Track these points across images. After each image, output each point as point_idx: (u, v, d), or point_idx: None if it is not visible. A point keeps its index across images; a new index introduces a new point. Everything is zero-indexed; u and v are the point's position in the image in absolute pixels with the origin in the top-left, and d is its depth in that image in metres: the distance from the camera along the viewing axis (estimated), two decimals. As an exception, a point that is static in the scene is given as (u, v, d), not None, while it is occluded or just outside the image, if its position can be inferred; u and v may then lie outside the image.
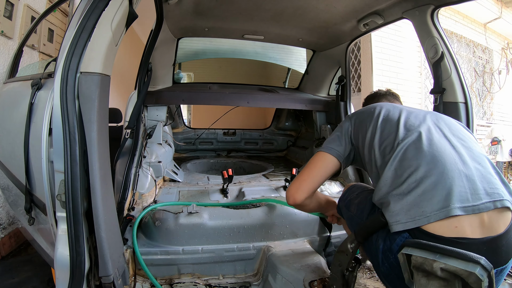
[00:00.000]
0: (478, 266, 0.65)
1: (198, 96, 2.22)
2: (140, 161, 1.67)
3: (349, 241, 0.96)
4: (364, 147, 1.04)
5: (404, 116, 1.00)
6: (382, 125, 1.01)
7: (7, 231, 2.09)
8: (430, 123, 0.96)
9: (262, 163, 2.75)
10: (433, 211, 0.76)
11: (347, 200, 1.14)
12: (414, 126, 0.95)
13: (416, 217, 0.78)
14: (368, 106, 1.18)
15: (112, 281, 0.96)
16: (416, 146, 0.88)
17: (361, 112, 1.16)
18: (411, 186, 0.82)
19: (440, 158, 0.83)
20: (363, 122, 1.09)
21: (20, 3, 2.21)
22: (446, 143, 0.88)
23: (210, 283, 1.39)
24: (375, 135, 1.00)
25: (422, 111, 1.05)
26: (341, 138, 1.12)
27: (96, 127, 0.93)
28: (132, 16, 1.05)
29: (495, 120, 6.13)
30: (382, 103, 1.14)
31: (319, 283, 1.19)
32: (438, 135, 0.91)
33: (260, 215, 1.50)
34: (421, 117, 0.99)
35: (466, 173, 0.80)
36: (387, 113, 1.05)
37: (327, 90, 2.76)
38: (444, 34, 1.50)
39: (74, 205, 0.88)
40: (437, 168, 0.82)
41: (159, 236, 1.40)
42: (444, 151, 0.85)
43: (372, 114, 1.08)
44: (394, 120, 1.00)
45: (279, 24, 2.03)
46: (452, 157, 0.84)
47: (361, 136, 1.07)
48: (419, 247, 0.74)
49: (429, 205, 0.77)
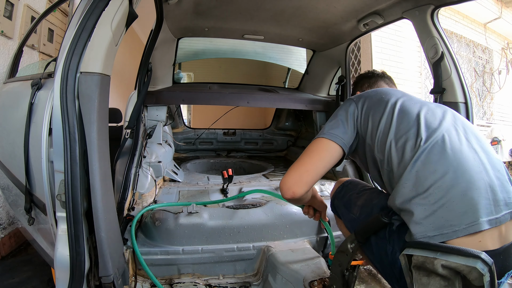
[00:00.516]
0: (479, 260, 0.65)
1: (198, 96, 2.22)
2: (140, 161, 1.67)
3: (349, 241, 0.95)
4: (375, 139, 0.92)
5: (424, 112, 0.91)
6: (399, 118, 0.90)
7: (7, 231, 2.09)
8: (450, 123, 0.88)
9: (262, 163, 2.75)
10: (461, 224, 0.73)
11: (345, 199, 1.08)
12: (435, 125, 0.87)
13: (444, 230, 0.74)
14: (376, 90, 1.05)
15: (112, 281, 0.96)
16: (440, 149, 0.81)
17: (369, 97, 1.01)
18: (437, 195, 0.76)
19: (466, 165, 0.78)
20: (374, 109, 0.96)
21: (20, 3, 2.21)
22: (468, 148, 0.82)
23: (210, 283, 1.39)
24: (390, 128, 0.90)
25: (438, 107, 0.96)
26: (346, 123, 0.97)
27: (96, 127, 0.92)
28: (132, 16, 1.05)
29: (495, 120, 6.13)
30: (392, 90, 1.04)
31: (319, 283, 1.19)
32: (459, 138, 0.84)
33: (260, 215, 1.50)
34: (440, 115, 0.91)
35: (489, 183, 0.77)
36: (403, 104, 0.94)
37: (327, 90, 2.76)
38: (444, 34, 1.50)
39: (74, 205, 0.88)
40: (464, 176, 0.77)
41: (159, 236, 1.40)
42: (468, 157, 0.80)
43: (384, 102, 0.96)
44: (412, 114, 0.90)
45: (279, 24, 2.03)
46: (477, 165, 0.79)
47: (371, 125, 0.94)
48: (420, 247, 0.73)
49: (458, 218, 0.74)
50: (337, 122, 0.99)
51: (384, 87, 1.27)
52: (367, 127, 0.96)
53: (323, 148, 0.94)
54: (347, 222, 1.07)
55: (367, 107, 0.98)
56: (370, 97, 1.01)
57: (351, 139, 0.97)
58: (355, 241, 0.94)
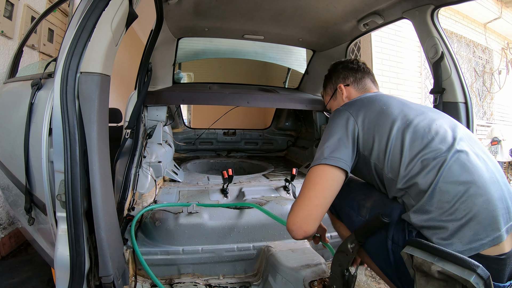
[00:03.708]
0: (474, 274, 0.65)
1: (198, 96, 2.22)
2: (140, 161, 1.67)
3: (349, 241, 0.95)
4: (383, 160, 0.87)
5: (435, 126, 0.88)
6: (410, 135, 0.86)
7: (7, 231, 2.09)
8: (461, 135, 0.88)
9: (262, 163, 2.75)
10: (487, 237, 0.74)
11: (349, 199, 1.01)
12: (449, 139, 0.85)
13: (472, 243, 0.74)
14: (372, 100, 0.99)
15: (112, 281, 0.96)
16: (461, 163, 0.80)
17: (367, 109, 0.94)
18: (463, 212, 0.75)
19: (484, 178, 0.79)
20: (378, 126, 0.90)
21: (20, 3, 2.21)
22: (479, 159, 0.83)
23: (210, 283, 1.39)
24: (402, 148, 0.85)
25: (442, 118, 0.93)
26: (346, 143, 0.90)
27: (96, 127, 0.92)
28: (132, 16, 1.05)
29: (495, 120, 6.13)
30: (388, 99, 0.99)
31: (319, 283, 1.18)
32: (471, 150, 0.84)
33: (260, 215, 1.50)
34: (449, 128, 0.89)
35: (503, 193, 0.79)
36: (409, 117, 0.89)
37: (327, 90, 2.76)
38: (444, 34, 1.50)
39: (74, 205, 0.88)
40: (483, 188, 0.77)
41: (159, 236, 1.40)
42: (482, 169, 0.80)
43: (388, 116, 0.91)
44: (424, 129, 0.87)
45: (279, 24, 2.03)
46: (490, 176, 0.80)
47: (378, 145, 0.88)
48: (420, 247, 0.74)
49: (484, 231, 0.74)
50: (337, 142, 0.91)
51: (370, 87, 1.18)
52: (371, 146, 0.90)
53: (328, 177, 0.87)
54: (351, 223, 1.01)
55: (369, 123, 0.91)
56: (368, 110, 0.94)
57: (352, 160, 0.91)
58: (355, 241, 0.93)
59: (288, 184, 1.80)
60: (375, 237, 0.90)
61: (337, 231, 1.14)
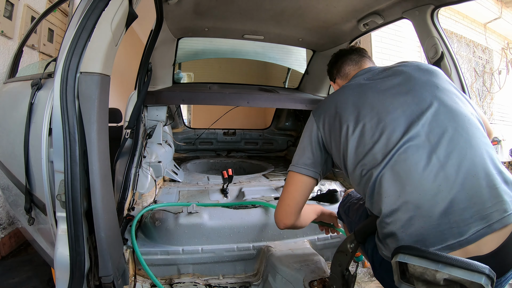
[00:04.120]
0: (484, 276, 0.62)
1: (198, 96, 2.22)
2: (140, 161, 1.67)
3: (349, 241, 0.95)
4: (340, 164, 0.94)
5: (384, 124, 0.84)
6: (353, 142, 0.87)
7: (7, 231, 2.09)
8: (415, 125, 0.82)
9: (262, 163, 2.75)
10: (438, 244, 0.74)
11: (345, 207, 1.15)
12: (393, 139, 0.81)
13: None
14: (331, 100, 1.00)
15: (112, 281, 0.96)
16: (393, 176, 0.79)
17: (326, 113, 0.97)
18: (405, 234, 0.77)
19: (420, 192, 0.76)
20: (333, 132, 0.94)
21: (20, 3, 2.21)
22: (425, 164, 0.77)
23: (210, 283, 1.39)
24: (347, 155, 0.89)
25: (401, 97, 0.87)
26: (310, 150, 0.99)
27: (96, 127, 0.92)
28: (132, 16, 1.05)
29: (495, 120, 6.12)
30: (345, 90, 0.98)
31: (319, 283, 1.19)
32: (424, 153, 0.78)
33: (260, 215, 1.50)
34: (403, 113, 0.84)
35: (448, 204, 0.76)
36: (361, 119, 0.88)
37: (327, 90, 2.76)
38: (444, 34, 1.50)
39: (74, 205, 0.88)
40: (417, 209, 0.76)
41: (159, 236, 1.40)
42: (421, 178, 0.76)
43: (338, 121, 0.92)
44: (368, 133, 0.85)
45: (279, 24, 2.03)
46: (435, 187, 0.76)
47: (335, 150, 0.94)
48: (417, 254, 0.69)
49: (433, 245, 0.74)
50: (302, 150, 1.00)
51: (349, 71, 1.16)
52: (331, 150, 0.97)
53: (296, 181, 0.99)
54: (347, 226, 1.15)
55: (328, 129, 0.96)
56: (327, 113, 0.97)
57: (320, 164, 0.99)
58: (354, 241, 0.94)
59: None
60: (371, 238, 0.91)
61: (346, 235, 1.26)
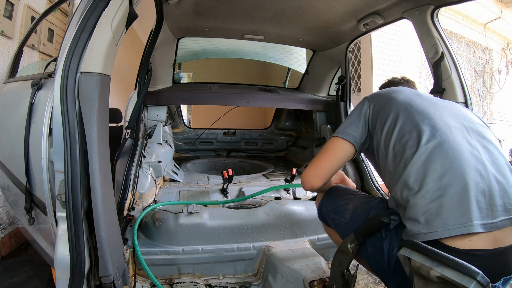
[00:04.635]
0: (474, 281, 0.63)
1: (198, 96, 2.22)
2: (140, 161, 1.67)
3: (349, 241, 0.95)
4: (380, 138, 0.97)
5: (429, 110, 0.92)
6: (403, 117, 0.93)
7: (7, 231, 2.09)
8: (455, 122, 0.90)
9: (262, 163, 2.75)
10: (455, 224, 0.74)
11: (334, 205, 1.11)
12: (439, 124, 0.87)
13: (438, 228, 0.75)
14: (388, 89, 1.09)
15: (112, 281, 0.96)
16: (442, 149, 0.82)
17: (380, 95, 1.07)
18: (435, 194, 0.78)
19: (465, 167, 0.79)
20: (383, 108, 1.00)
21: (20, 3, 2.21)
22: (471, 149, 0.83)
23: (210, 283, 1.39)
24: (394, 127, 0.93)
25: (445, 104, 0.98)
26: (358, 122, 1.05)
27: (96, 127, 0.92)
28: (132, 16, 1.05)
29: (495, 120, 6.12)
30: (402, 88, 1.07)
31: (319, 283, 1.19)
32: (463, 138, 0.85)
33: (260, 215, 1.50)
34: (447, 113, 0.92)
35: (485, 187, 0.77)
36: (410, 102, 0.96)
37: (327, 90, 2.77)
38: (444, 34, 1.50)
39: (74, 205, 0.88)
40: (461, 178, 0.77)
41: (159, 236, 1.40)
42: (468, 159, 0.80)
43: (392, 100, 1.00)
44: (418, 113, 0.92)
45: (279, 24, 2.03)
46: (475, 168, 0.79)
47: (379, 124, 0.99)
48: (418, 250, 0.72)
49: (452, 217, 0.75)
50: (350, 121, 1.06)
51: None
52: (375, 126, 1.01)
53: (337, 146, 1.04)
54: (338, 227, 1.10)
55: (378, 106, 1.02)
56: (381, 95, 1.06)
57: (362, 137, 1.03)
58: (355, 241, 0.94)
59: (288, 184, 1.80)
60: (370, 238, 0.91)
61: (331, 237, 1.23)
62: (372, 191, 1.96)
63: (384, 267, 0.88)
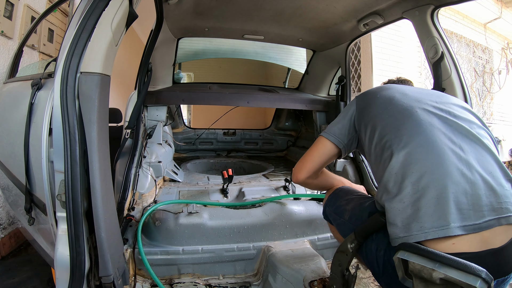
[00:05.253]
0: (479, 279, 0.62)
1: (198, 96, 2.22)
2: (140, 161, 1.67)
3: (349, 241, 0.95)
4: (366, 138, 0.97)
5: (411, 109, 0.90)
6: (385, 116, 0.92)
7: (7, 231, 2.09)
8: (439, 120, 0.86)
9: (262, 163, 2.75)
10: (432, 227, 0.72)
11: (335, 206, 1.12)
12: (420, 123, 0.85)
13: (414, 232, 0.74)
14: (374, 88, 1.10)
15: (112, 281, 0.96)
16: (420, 150, 0.81)
17: (366, 95, 1.07)
18: (412, 197, 0.77)
19: (445, 168, 0.77)
20: (367, 108, 1.01)
21: (20, 3, 2.21)
22: (454, 149, 0.80)
23: (210, 283, 1.39)
24: (376, 127, 0.93)
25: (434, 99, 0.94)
26: (344, 122, 1.07)
27: (96, 127, 0.92)
28: (132, 16, 1.05)
29: (495, 120, 6.12)
30: (391, 85, 1.07)
31: (319, 283, 1.19)
32: (446, 138, 0.82)
33: (260, 215, 1.50)
34: (432, 111, 0.89)
35: (469, 188, 0.75)
36: (392, 101, 0.95)
37: (327, 90, 2.77)
38: (444, 34, 1.50)
39: (74, 205, 0.88)
40: (440, 180, 0.76)
41: (159, 236, 1.40)
42: (449, 160, 0.78)
43: (376, 99, 1.00)
44: (398, 112, 0.91)
45: (279, 24, 2.03)
46: (456, 167, 0.77)
47: (364, 124, 0.99)
48: (417, 252, 0.71)
49: (429, 220, 0.73)
50: (337, 121, 1.10)
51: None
52: (360, 126, 1.03)
53: (321, 144, 1.10)
54: (338, 227, 1.11)
55: (363, 106, 1.04)
56: (367, 95, 1.07)
57: (347, 137, 1.07)
58: (355, 241, 0.94)
59: (288, 184, 1.80)
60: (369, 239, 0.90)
61: (334, 236, 1.26)
62: (372, 191, 1.95)
63: (374, 267, 0.89)
